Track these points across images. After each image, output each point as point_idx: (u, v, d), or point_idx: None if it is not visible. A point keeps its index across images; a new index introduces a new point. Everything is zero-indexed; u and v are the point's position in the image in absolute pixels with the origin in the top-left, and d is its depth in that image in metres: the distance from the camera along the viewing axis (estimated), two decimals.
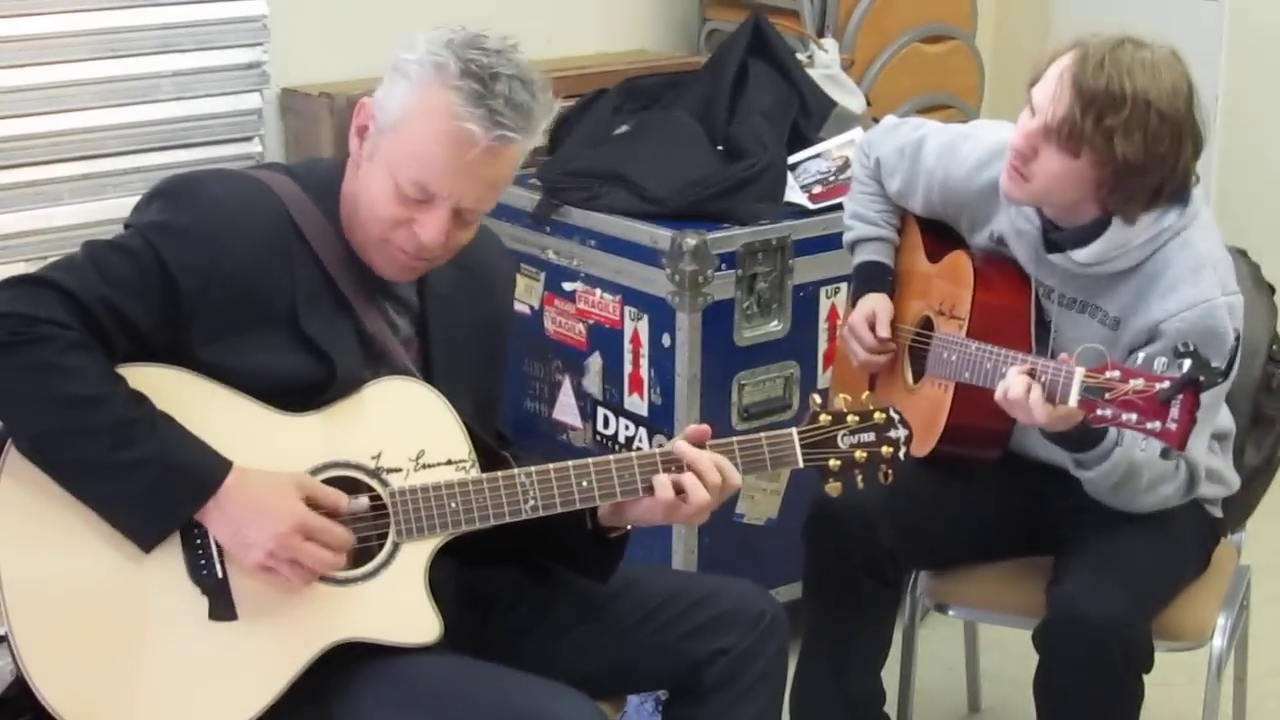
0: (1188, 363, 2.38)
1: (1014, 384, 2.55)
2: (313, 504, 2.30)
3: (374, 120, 2.34)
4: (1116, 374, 2.44)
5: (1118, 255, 2.76)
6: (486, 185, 2.34)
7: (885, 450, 2.47)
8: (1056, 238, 2.81)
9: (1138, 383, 2.41)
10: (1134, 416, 2.41)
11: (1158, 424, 2.40)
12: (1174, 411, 2.38)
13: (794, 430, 2.46)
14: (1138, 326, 2.76)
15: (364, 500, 2.35)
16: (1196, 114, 2.68)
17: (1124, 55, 2.64)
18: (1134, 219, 2.73)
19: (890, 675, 3.12)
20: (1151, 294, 2.75)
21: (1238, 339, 2.64)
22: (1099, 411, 2.44)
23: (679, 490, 2.39)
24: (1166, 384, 2.38)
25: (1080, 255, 2.78)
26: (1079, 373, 2.47)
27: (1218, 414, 2.85)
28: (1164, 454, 2.46)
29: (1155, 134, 2.63)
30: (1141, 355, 2.52)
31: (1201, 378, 2.37)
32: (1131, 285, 2.78)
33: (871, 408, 2.48)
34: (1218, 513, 3.00)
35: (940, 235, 3.07)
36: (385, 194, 2.32)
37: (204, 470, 2.27)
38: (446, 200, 2.32)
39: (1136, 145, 2.62)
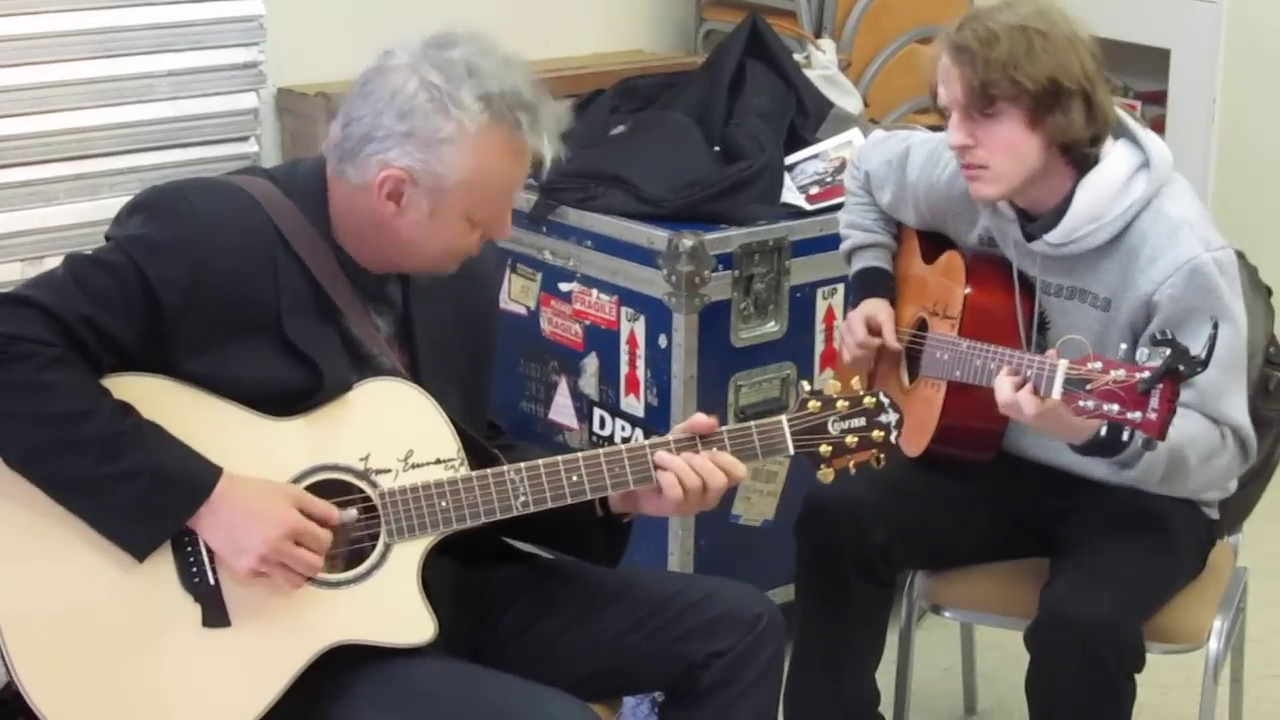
0: (1167, 352, 2.37)
1: (1002, 387, 2.55)
2: (303, 514, 2.30)
3: (416, 187, 2.31)
4: (1098, 365, 2.43)
5: (1090, 231, 2.76)
6: None
7: (876, 435, 2.46)
8: (1032, 228, 2.82)
9: (1119, 373, 2.41)
10: (1115, 408, 2.40)
11: (1138, 415, 2.38)
12: (1153, 402, 2.37)
13: (784, 417, 2.45)
14: (1132, 304, 2.75)
15: (353, 512, 2.34)
16: (1080, 31, 2.73)
17: (979, 12, 2.74)
18: (1097, 146, 2.73)
19: (886, 677, 3.11)
20: (1135, 269, 2.75)
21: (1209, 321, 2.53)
22: (1081, 403, 2.43)
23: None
24: (1146, 374, 2.38)
25: (1052, 236, 2.78)
26: (1062, 365, 2.46)
27: (1242, 374, 2.79)
28: (1146, 444, 2.45)
29: (1045, 49, 2.68)
30: (1123, 347, 2.52)
31: (1180, 366, 2.36)
32: (1114, 263, 2.77)
33: (861, 393, 2.47)
34: (1215, 514, 2.99)
35: (936, 237, 3.08)
36: (462, 231, 2.37)
37: (194, 477, 2.27)
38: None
39: (1035, 65, 2.67)
